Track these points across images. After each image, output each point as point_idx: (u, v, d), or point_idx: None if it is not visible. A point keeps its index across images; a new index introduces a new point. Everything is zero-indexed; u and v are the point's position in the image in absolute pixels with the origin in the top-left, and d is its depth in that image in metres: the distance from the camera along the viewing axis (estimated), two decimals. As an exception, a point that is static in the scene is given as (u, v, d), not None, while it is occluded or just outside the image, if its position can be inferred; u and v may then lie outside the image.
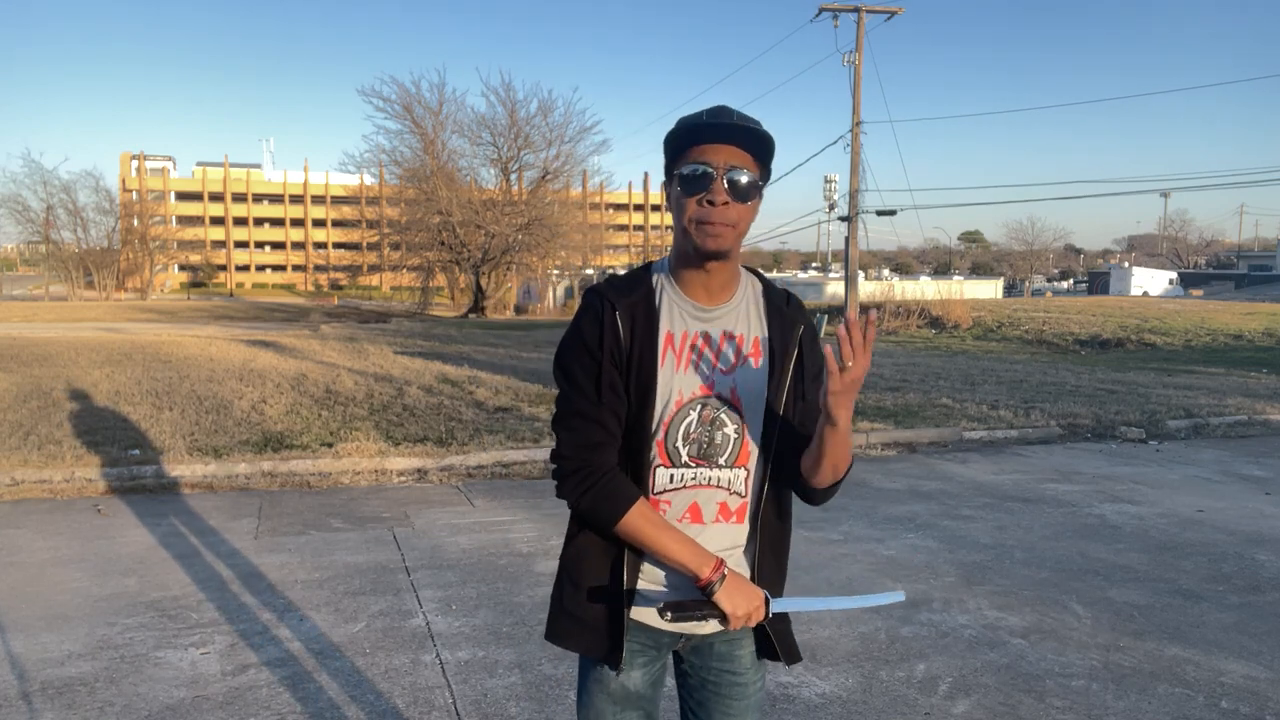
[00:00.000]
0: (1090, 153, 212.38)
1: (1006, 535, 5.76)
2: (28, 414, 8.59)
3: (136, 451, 7.14)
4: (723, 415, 1.66)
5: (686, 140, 1.60)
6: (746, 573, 1.75)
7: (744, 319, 1.71)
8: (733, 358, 1.68)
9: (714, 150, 1.58)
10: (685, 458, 1.66)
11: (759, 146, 1.59)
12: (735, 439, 1.68)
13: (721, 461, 1.68)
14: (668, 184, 1.66)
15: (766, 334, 1.72)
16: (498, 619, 4.22)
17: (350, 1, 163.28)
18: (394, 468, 7.21)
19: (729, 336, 1.69)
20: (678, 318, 1.67)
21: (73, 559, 5.06)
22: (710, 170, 1.57)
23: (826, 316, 27.43)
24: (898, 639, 4.09)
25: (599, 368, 1.63)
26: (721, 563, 1.63)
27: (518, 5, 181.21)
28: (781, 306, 1.76)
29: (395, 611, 4.34)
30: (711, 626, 1.72)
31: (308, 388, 10.64)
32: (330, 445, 7.48)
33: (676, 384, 1.64)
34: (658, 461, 1.66)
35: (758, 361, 1.69)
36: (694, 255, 1.63)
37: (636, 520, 1.62)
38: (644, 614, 1.70)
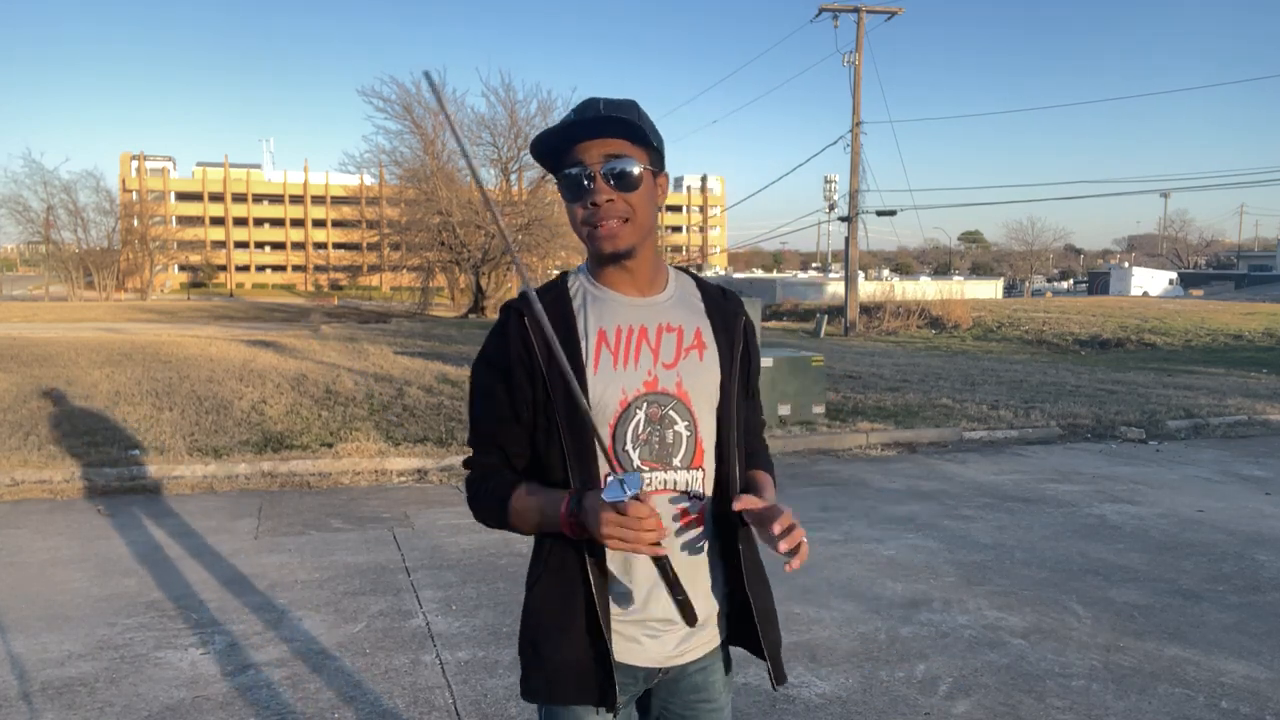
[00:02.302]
0: (1090, 153, 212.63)
1: (1006, 535, 5.76)
2: (28, 414, 8.59)
3: (136, 451, 7.14)
4: (671, 412, 1.53)
5: (558, 144, 1.49)
6: (711, 577, 1.61)
7: (681, 310, 1.60)
8: (674, 350, 1.56)
9: (587, 148, 1.47)
10: (637, 462, 1.52)
11: (634, 131, 1.48)
12: (688, 437, 1.55)
13: (676, 463, 1.54)
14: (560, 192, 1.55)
15: (709, 324, 1.61)
16: (498, 619, 4.23)
17: (350, 1, 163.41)
18: (394, 468, 7.21)
19: (668, 329, 1.57)
20: (609, 313, 1.55)
21: (73, 559, 5.06)
22: (587, 170, 1.47)
23: (826, 317, 27.43)
24: (898, 639, 4.09)
25: (510, 384, 1.53)
26: (570, 494, 1.47)
27: (518, 5, 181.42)
28: (719, 299, 1.66)
29: (395, 611, 4.34)
30: (691, 655, 1.60)
31: (308, 388, 10.64)
32: (330, 445, 7.48)
33: (618, 382, 1.51)
34: (608, 470, 1.48)
35: (702, 354, 1.58)
36: (602, 257, 1.54)
37: (514, 505, 1.52)
38: (624, 651, 1.56)
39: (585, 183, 1.47)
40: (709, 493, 1.58)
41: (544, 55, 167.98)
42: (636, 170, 1.49)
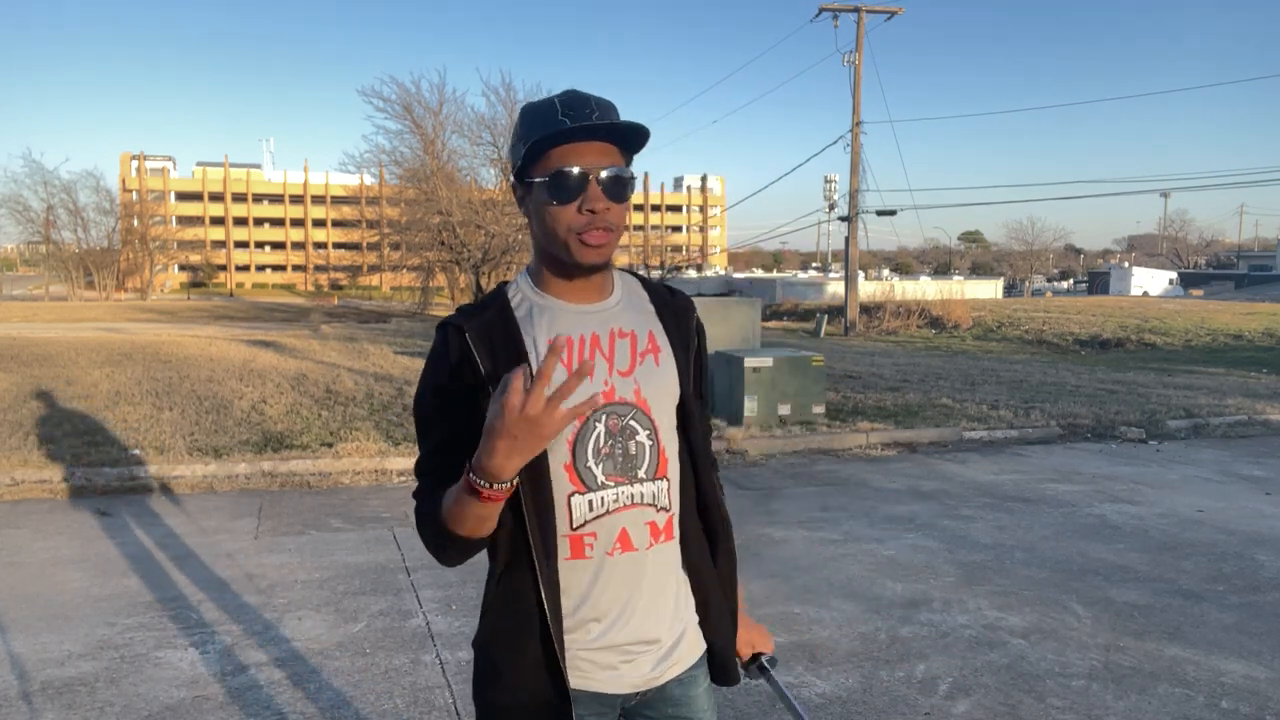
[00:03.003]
0: (1090, 153, 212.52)
1: (1006, 535, 5.76)
2: (28, 414, 8.59)
3: (137, 451, 7.14)
4: (631, 422, 1.46)
5: (549, 142, 1.39)
6: (686, 595, 1.57)
7: (632, 314, 1.52)
8: (629, 356, 1.48)
9: (581, 150, 1.38)
10: (601, 478, 1.43)
11: (628, 138, 1.42)
12: (650, 446, 1.47)
13: (641, 474, 1.46)
14: (518, 187, 1.46)
15: (661, 326, 1.54)
16: (498, 619, 4.22)
17: (351, 1, 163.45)
18: (394, 468, 7.21)
19: (620, 334, 1.49)
20: (558, 323, 1.46)
21: (73, 559, 5.06)
22: (582, 173, 1.38)
23: (826, 317, 27.43)
24: (898, 639, 4.09)
25: (453, 407, 1.43)
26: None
27: (517, 5, 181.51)
28: (667, 298, 1.59)
29: (395, 611, 4.35)
30: (672, 673, 1.53)
31: (308, 388, 10.64)
32: (330, 445, 7.48)
33: (574, 395, 1.38)
34: (571, 489, 1.43)
35: (658, 358, 1.51)
36: (571, 267, 1.44)
37: (444, 505, 1.36)
38: (587, 679, 1.46)
39: (582, 186, 1.38)
40: (675, 503, 1.52)
41: (544, 55, 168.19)
42: (628, 181, 1.43)
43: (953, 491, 6.93)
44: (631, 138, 1.41)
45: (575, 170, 1.38)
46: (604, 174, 1.39)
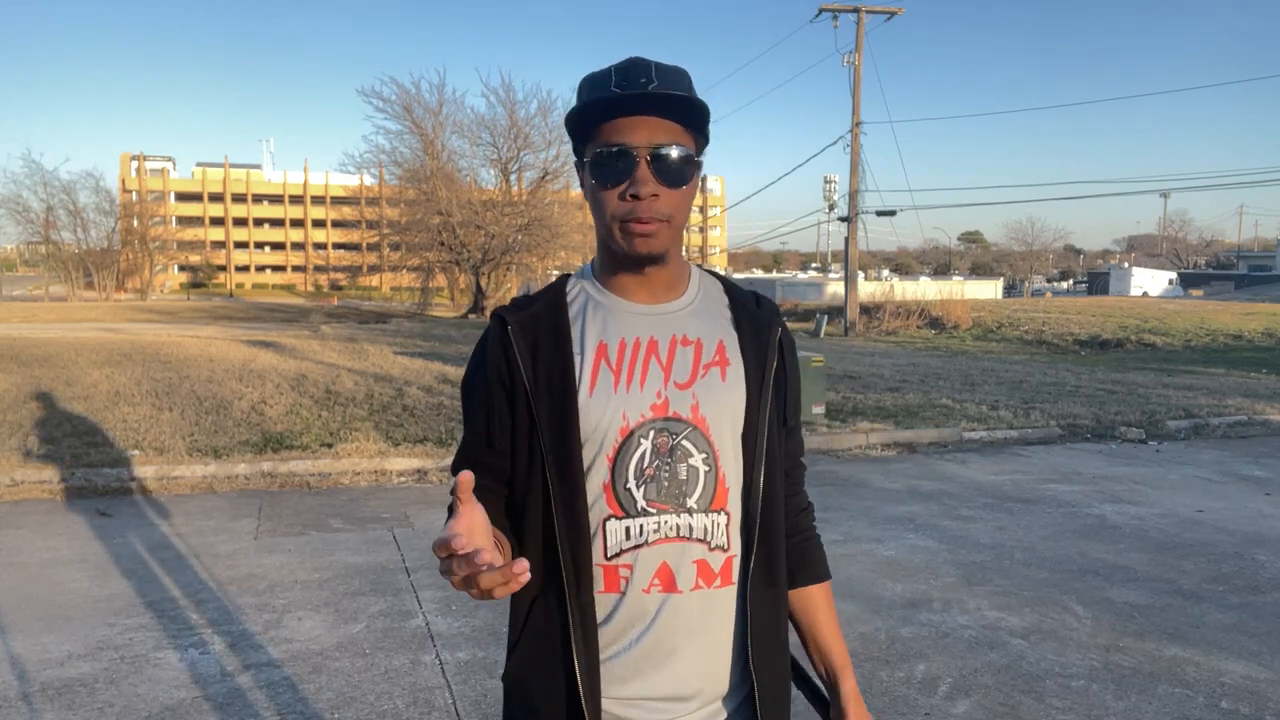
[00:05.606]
0: (1090, 153, 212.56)
1: (1006, 535, 5.76)
2: (28, 414, 8.59)
3: (136, 451, 7.14)
4: (685, 442, 1.26)
5: (594, 116, 1.22)
6: (736, 646, 1.32)
7: (700, 319, 1.34)
8: (690, 367, 1.29)
9: (632, 125, 1.21)
10: (642, 503, 1.25)
11: (688, 112, 1.23)
12: (706, 472, 1.27)
13: (692, 504, 1.26)
14: (580, 170, 1.28)
15: (736, 337, 1.34)
16: (498, 619, 4.23)
17: (350, 2, 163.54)
18: (394, 468, 7.21)
19: (684, 341, 1.31)
20: (612, 322, 1.30)
21: (73, 559, 5.06)
22: (630, 151, 1.21)
23: (826, 317, 27.43)
24: (898, 639, 4.09)
25: (487, 403, 1.30)
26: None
27: (517, 5, 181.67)
28: (750, 306, 1.39)
29: (395, 612, 4.35)
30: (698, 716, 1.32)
31: (308, 388, 10.64)
32: (330, 446, 7.48)
33: (617, 405, 1.25)
34: (608, 512, 1.25)
35: (725, 372, 1.31)
36: (624, 259, 1.28)
37: None
38: None
39: (629, 168, 1.21)
40: (735, 543, 1.30)
41: (543, 55, 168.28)
42: (688, 163, 1.24)
43: (953, 492, 6.93)
44: (687, 109, 1.23)
45: (614, 147, 1.21)
46: (653, 153, 1.21)
